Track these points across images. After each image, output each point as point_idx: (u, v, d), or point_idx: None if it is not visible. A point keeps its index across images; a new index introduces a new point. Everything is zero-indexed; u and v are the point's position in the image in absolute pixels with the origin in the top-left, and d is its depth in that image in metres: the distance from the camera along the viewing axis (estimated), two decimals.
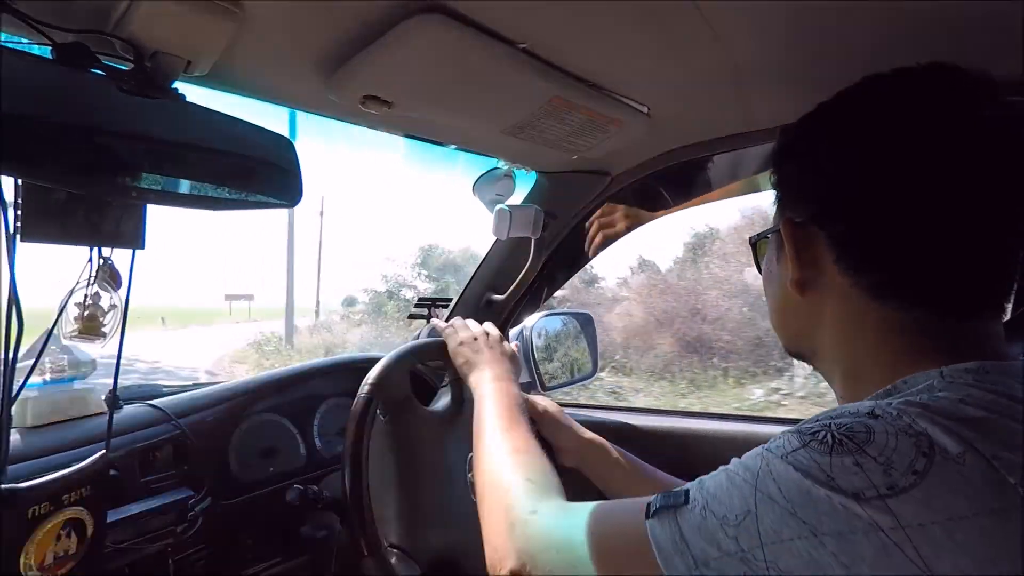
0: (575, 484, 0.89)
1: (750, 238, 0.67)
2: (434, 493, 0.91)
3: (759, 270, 0.66)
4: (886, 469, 0.39)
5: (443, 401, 1.02)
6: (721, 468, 0.47)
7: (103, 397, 0.96)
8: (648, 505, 0.48)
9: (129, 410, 0.98)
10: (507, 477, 0.68)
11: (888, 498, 0.38)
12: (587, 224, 1.35)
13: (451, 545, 0.92)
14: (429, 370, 1.41)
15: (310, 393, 1.29)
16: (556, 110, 0.88)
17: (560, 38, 0.74)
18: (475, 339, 0.97)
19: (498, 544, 0.61)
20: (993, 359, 0.47)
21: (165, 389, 1.16)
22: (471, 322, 1.02)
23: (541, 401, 1.04)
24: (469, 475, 1.00)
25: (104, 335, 0.67)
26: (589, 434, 0.99)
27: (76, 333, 0.65)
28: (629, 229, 1.34)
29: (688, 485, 0.48)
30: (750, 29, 0.72)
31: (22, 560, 0.67)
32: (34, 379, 0.88)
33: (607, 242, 1.36)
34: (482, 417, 0.81)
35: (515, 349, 1.01)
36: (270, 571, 1.08)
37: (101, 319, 0.66)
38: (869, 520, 0.38)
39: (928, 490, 0.38)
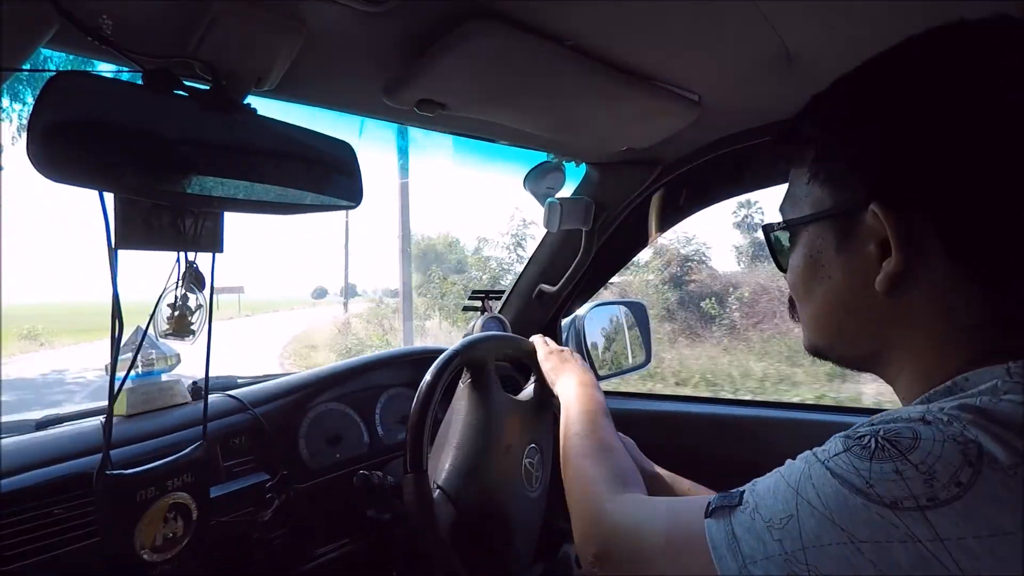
0: None
1: (771, 225, 0.59)
2: (489, 461, 0.96)
3: (780, 265, 0.60)
4: (927, 479, 0.37)
5: (524, 393, 1.07)
6: (776, 470, 0.47)
7: (187, 388, 1.04)
8: (708, 504, 0.49)
9: (211, 400, 1.05)
10: (592, 470, 0.72)
11: (927, 510, 0.37)
12: (638, 214, 1.35)
13: (488, 510, 0.97)
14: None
15: (372, 384, 1.35)
16: (606, 104, 0.89)
17: (608, 33, 0.75)
18: (562, 351, 1.04)
19: (584, 530, 0.65)
20: None
21: (239, 380, 1.24)
22: (550, 340, 1.09)
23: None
24: (526, 461, 1.03)
25: (193, 332, 0.73)
26: (656, 469, 1.00)
27: (169, 332, 0.71)
28: (681, 218, 1.34)
29: (746, 486, 0.48)
30: (804, 13, 0.71)
31: (136, 542, 0.74)
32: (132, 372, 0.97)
33: (659, 231, 1.36)
34: (570, 416, 0.86)
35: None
36: (339, 551, 1.14)
37: (190, 318, 0.72)
38: (906, 531, 0.37)
39: (971, 503, 0.36)
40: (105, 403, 0.99)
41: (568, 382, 0.95)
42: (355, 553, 1.16)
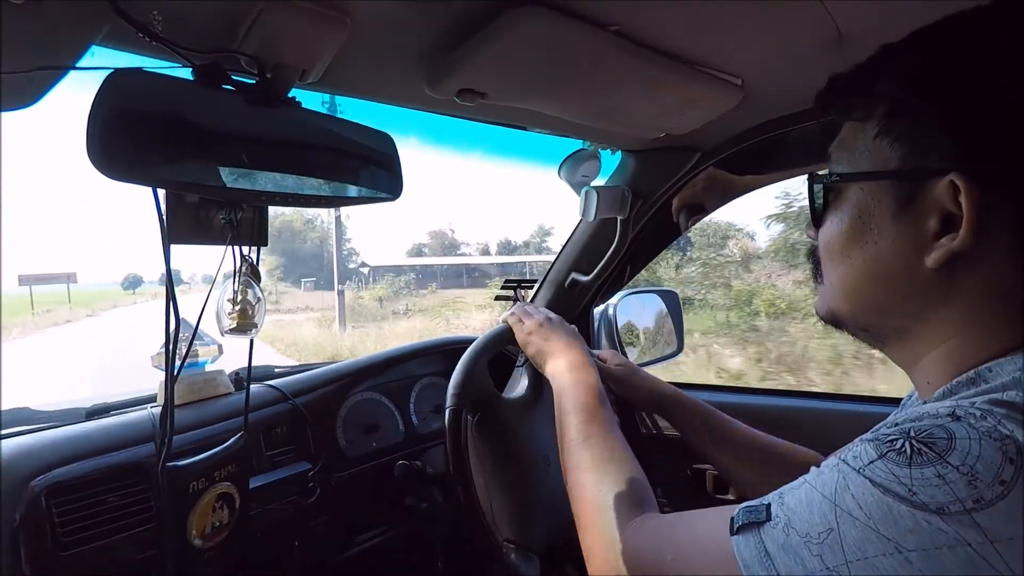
0: None
1: (820, 176, 0.54)
2: (532, 481, 0.94)
3: (816, 220, 0.55)
4: (970, 480, 0.36)
5: (521, 385, 1.04)
6: (801, 480, 0.46)
7: (230, 379, 1.06)
8: (732, 520, 0.47)
9: (253, 391, 1.07)
10: (597, 491, 0.68)
11: (974, 512, 0.36)
12: (674, 201, 1.32)
13: (559, 529, 0.95)
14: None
15: (406, 374, 1.36)
16: (648, 90, 0.87)
17: (653, 18, 0.73)
18: (541, 325, 0.94)
19: (598, 561, 0.62)
20: None
21: (276, 371, 1.25)
22: (531, 307, 1.01)
23: (611, 359, 1.10)
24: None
25: (256, 326, 0.74)
26: (663, 388, 1.03)
27: (234, 327, 0.72)
28: (719, 205, 1.31)
29: (769, 498, 0.47)
30: None
31: (190, 530, 0.76)
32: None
33: (696, 219, 1.33)
34: (564, 412, 0.80)
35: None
36: (379, 538, 1.16)
37: (251, 312, 0.72)
38: (955, 535, 0.36)
39: (1017, 500, 0.35)
40: (151, 392, 1.01)
41: (555, 367, 0.88)
42: (395, 540, 1.18)
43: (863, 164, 0.50)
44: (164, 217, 0.61)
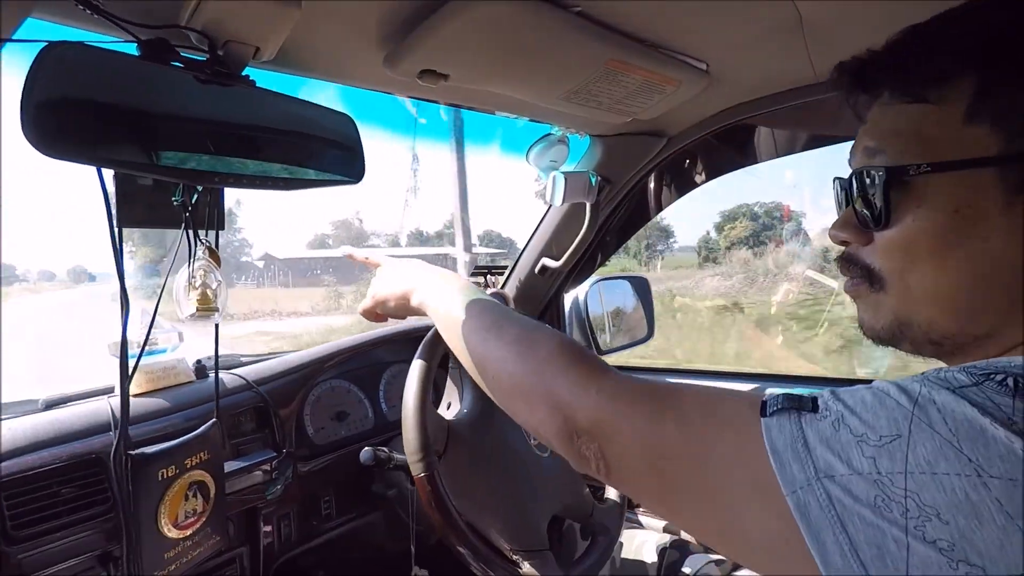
0: None
1: (905, 168, 0.45)
2: (521, 484, 0.94)
3: (884, 219, 0.46)
4: None
5: (453, 400, 1.02)
6: (861, 386, 0.41)
7: (192, 367, 1.04)
8: (765, 404, 0.42)
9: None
10: (529, 361, 0.57)
11: None
12: (643, 187, 1.33)
13: (557, 507, 0.96)
14: None
15: (375, 361, 1.35)
16: (612, 73, 0.86)
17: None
18: (388, 269, 0.82)
19: (558, 418, 0.53)
20: None
21: (242, 359, 1.23)
22: (383, 257, 0.86)
23: None
24: (532, 441, 1.03)
25: (218, 310, 0.72)
26: None
27: (195, 312, 0.70)
28: (687, 190, 1.32)
29: (815, 392, 0.42)
30: None
31: (160, 519, 0.75)
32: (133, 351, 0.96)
33: (664, 204, 1.34)
34: (454, 326, 0.67)
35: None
36: (347, 526, 1.15)
37: (211, 296, 0.71)
38: None
39: None
40: (110, 383, 0.99)
41: (420, 296, 0.75)
42: (363, 527, 1.18)
43: (952, 152, 0.43)
44: (110, 199, 0.59)
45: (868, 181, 0.47)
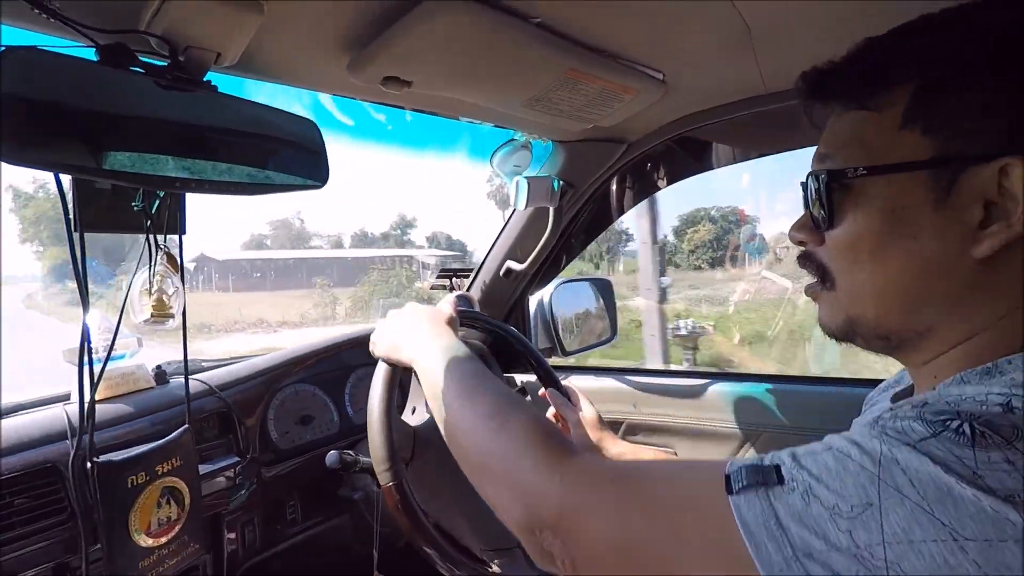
0: None
1: (843, 172, 0.48)
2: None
3: (828, 221, 0.49)
4: None
5: (419, 405, 1.03)
6: (822, 445, 0.40)
7: (152, 373, 1.02)
8: (728, 478, 0.41)
9: (176, 384, 1.04)
10: (500, 440, 0.57)
11: None
12: (605, 191, 1.36)
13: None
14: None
15: (340, 364, 1.35)
16: (571, 82, 0.89)
17: (574, 10, 0.75)
18: (394, 317, 0.85)
19: (520, 507, 0.52)
20: None
21: (204, 364, 1.22)
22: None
23: (586, 418, 1.01)
24: None
25: (173, 316, 0.72)
26: (641, 454, 0.97)
27: (150, 317, 0.70)
28: (647, 194, 1.36)
29: (776, 458, 0.41)
30: None
31: (132, 527, 0.74)
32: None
33: (626, 208, 1.38)
34: (436, 387, 0.67)
35: (453, 308, 0.89)
36: (313, 531, 1.15)
37: (168, 302, 0.71)
38: None
39: None
40: (66, 390, 0.97)
41: (413, 351, 0.76)
42: (330, 531, 1.17)
43: (887, 156, 0.46)
44: (68, 204, 0.59)
45: (816, 185, 0.50)
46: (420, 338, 0.77)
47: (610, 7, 0.75)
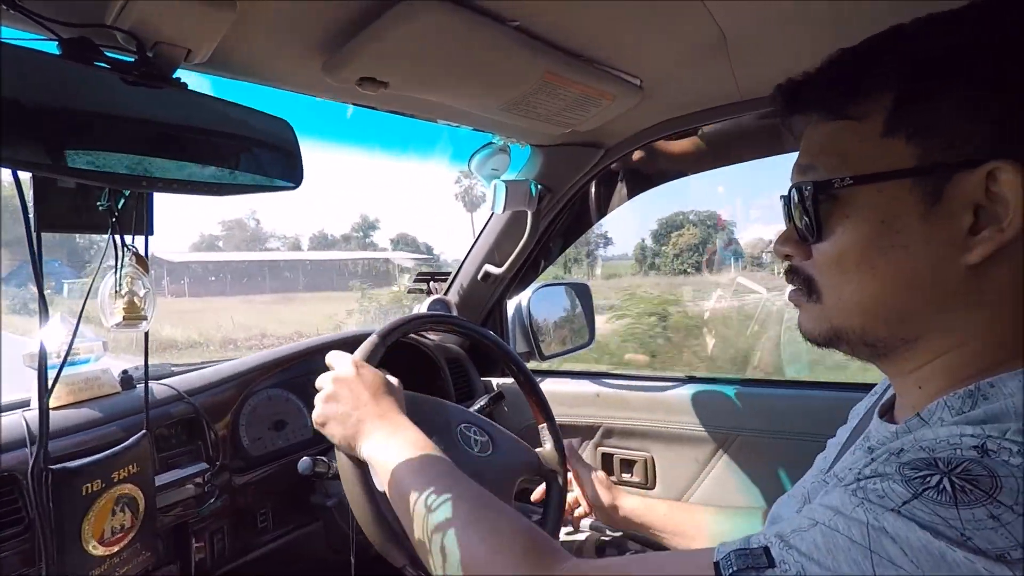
0: None
1: (831, 182, 0.47)
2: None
3: (817, 232, 0.49)
4: None
5: None
6: (806, 519, 0.40)
7: (117, 378, 0.99)
8: (718, 565, 0.40)
9: (143, 389, 1.01)
10: (484, 546, 0.54)
11: None
12: (583, 196, 1.37)
13: None
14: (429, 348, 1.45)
15: (314, 368, 1.33)
16: (549, 86, 0.89)
17: (552, 14, 0.75)
18: (340, 392, 0.77)
19: None
20: None
21: (173, 369, 1.19)
22: (336, 359, 0.84)
23: (593, 484, 0.99)
24: (469, 447, 1.01)
25: (146, 318, 0.70)
26: (655, 508, 0.95)
27: (121, 321, 0.67)
28: (626, 198, 1.36)
29: (764, 539, 0.40)
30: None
31: (84, 536, 0.71)
32: (51, 362, 0.91)
33: (604, 212, 1.38)
34: (401, 488, 0.64)
35: (390, 379, 0.83)
36: (285, 539, 1.12)
37: (139, 304, 0.68)
38: None
39: None
40: (24, 396, 0.93)
41: (369, 444, 0.72)
42: (303, 539, 1.15)
43: (872, 165, 0.45)
44: (27, 202, 0.57)
45: (800, 196, 0.49)
46: (373, 432, 0.72)
47: (588, 12, 0.75)
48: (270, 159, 0.76)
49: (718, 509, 0.95)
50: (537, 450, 1.03)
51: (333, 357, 0.84)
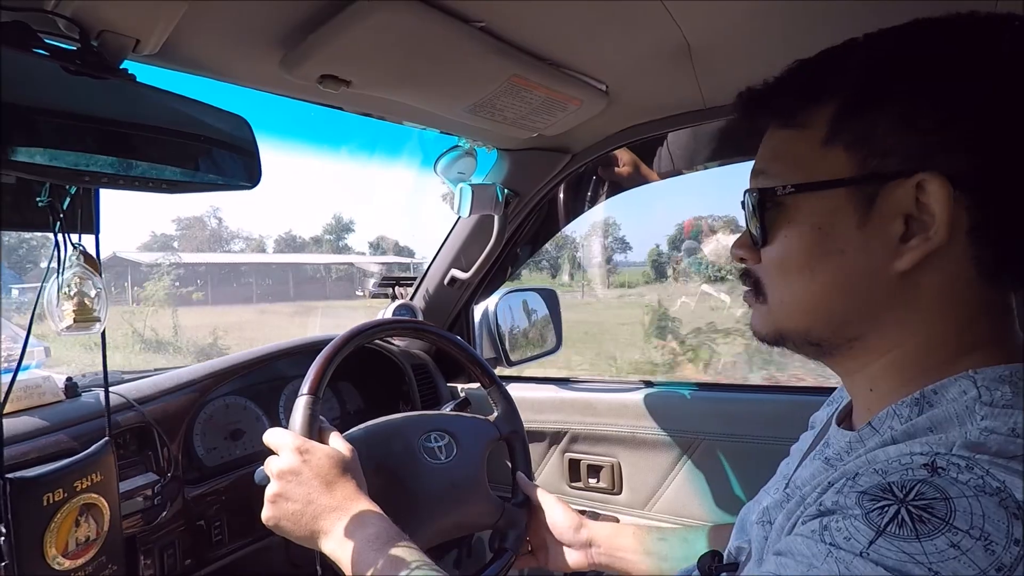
0: None
1: (772, 190, 0.49)
2: (408, 501, 0.90)
3: (762, 238, 0.50)
4: (986, 546, 0.33)
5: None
6: (767, 570, 0.40)
7: (61, 386, 0.94)
8: None
9: (89, 398, 0.96)
10: None
11: None
12: (550, 200, 1.37)
13: (431, 530, 0.92)
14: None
15: (274, 375, 1.29)
16: (515, 88, 0.88)
17: (517, 16, 0.75)
18: (287, 488, 0.72)
19: None
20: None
21: (125, 376, 1.14)
22: (276, 440, 0.77)
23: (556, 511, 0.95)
24: (427, 456, 0.99)
25: (99, 320, 0.66)
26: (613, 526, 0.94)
27: (72, 323, 0.63)
28: (591, 204, 1.37)
29: None
30: (702, 7, 0.74)
31: (47, 549, 0.67)
32: None
33: (570, 217, 1.38)
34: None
35: (345, 451, 0.79)
36: (241, 552, 1.08)
37: (91, 305, 0.65)
38: None
39: None
40: None
41: (329, 541, 0.69)
42: (259, 552, 1.11)
43: (812, 173, 0.47)
44: None
45: (749, 202, 0.51)
46: (332, 529, 0.69)
47: (553, 14, 0.75)
48: (225, 157, 0.73)
49: (659, 531, 0.94)
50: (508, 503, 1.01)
51: (273, 438, 0.77)
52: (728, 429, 1.21)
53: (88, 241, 0.67)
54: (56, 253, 0.64)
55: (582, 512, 1.38)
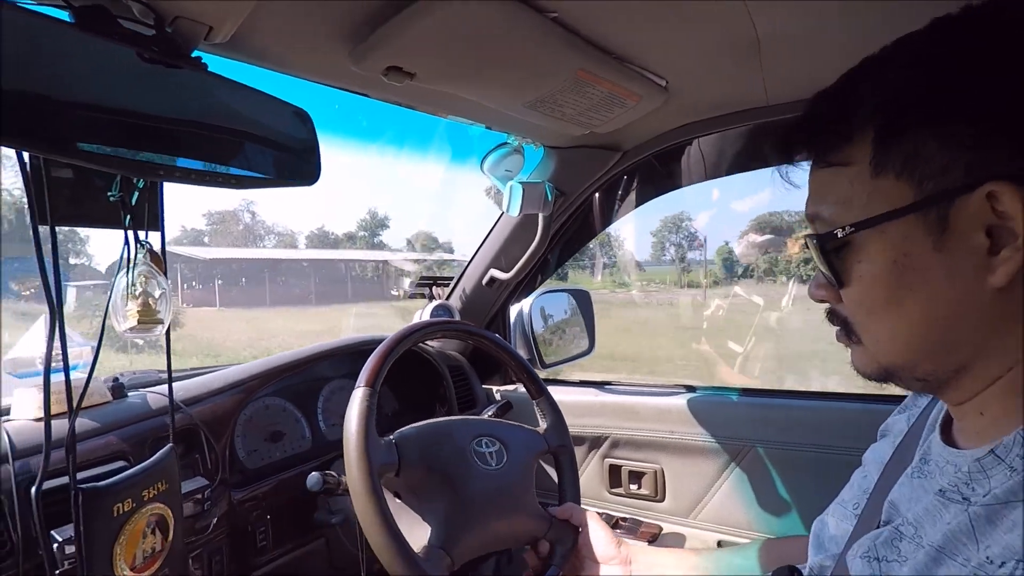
0: None
1: (831, 235, 0.47)
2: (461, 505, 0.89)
3: (838, 280, 0.48)
4: None
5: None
6: None
7: (107, 386, 0.92)
8: None
9: (135, 398, 0.94)
10: None
11: None
12: (595, 199, 1.33)
13: (480, 537, 0.90)
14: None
15: (313, 376, 1.27)
16: (581, 83, 0.85)
17: (589, 8, 0.72)
18: None
19: None
20: None
21: (162, 376, 1.11)
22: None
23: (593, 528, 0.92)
24: (482, 463, 0.96)
25: (162, 322, 0.63)
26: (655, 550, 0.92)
27: (136, 325, 0.61)
28: (638, 204, 1.33)
29: None
30: (781, 3, 0.71)
31: (116, 562, 0.64)
32: (30, 368, 0.84)
33: (615, 217, 1.35)
34: None
35: None
36: (286, 558, 1.06)
37: (155, 306, 0.62)
38: None
39: None
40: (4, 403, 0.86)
41: None
42: (303, 557, 1.08)
43: (870, 209, 0.45)
44: (33, 187, 0.50)
45: (812, 249, 0.49)
46: None
47: (625, 7, 0.72)
48: (288, 153, 0.71)
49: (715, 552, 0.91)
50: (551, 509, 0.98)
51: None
52: (781, 436, 1.17)
53: (153, 238, 0.64)
54: (125, 250, 0.61)
55: (623, 519, 1.35)
